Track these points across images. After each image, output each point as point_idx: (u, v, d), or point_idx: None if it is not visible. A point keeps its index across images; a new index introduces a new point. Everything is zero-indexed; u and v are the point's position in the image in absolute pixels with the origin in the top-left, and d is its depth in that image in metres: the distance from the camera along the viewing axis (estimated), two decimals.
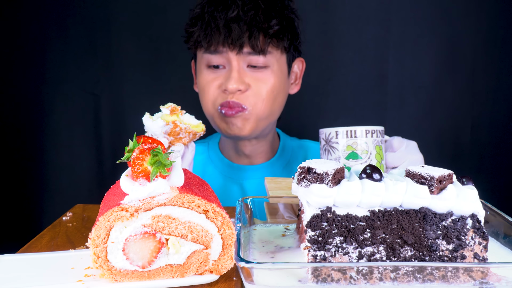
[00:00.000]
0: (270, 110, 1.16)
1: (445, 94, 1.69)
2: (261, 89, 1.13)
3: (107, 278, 0.65)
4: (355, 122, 1.71)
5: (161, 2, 1.65)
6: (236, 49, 1.10)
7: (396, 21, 1.65)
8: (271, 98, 1.15)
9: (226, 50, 1.11)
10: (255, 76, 1.13)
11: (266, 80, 1.14)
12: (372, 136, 0.94)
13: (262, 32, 1.10)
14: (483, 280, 0.60)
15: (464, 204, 0.65)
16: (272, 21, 1.11)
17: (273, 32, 1.11)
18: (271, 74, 1.14)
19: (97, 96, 1.70)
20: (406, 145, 1.00)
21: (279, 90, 1.17)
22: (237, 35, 1.09)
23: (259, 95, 1.13)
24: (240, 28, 1.09)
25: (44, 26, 1.66)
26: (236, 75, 1.11)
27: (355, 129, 0.94)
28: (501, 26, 1.64)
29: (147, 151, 0.64)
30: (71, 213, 0.96)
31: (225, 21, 1.09)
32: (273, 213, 0.85)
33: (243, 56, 1.11)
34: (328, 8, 1.66)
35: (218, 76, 1.14)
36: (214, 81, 1.14)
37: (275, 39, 1.12)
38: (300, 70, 1.28)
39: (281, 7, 1.15)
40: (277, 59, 1.16)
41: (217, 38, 1.10)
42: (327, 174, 0.64)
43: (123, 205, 0.63)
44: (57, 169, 1.73)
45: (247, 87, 1.12)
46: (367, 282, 0.59)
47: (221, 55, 1.12)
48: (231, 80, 1.10)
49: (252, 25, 1.09)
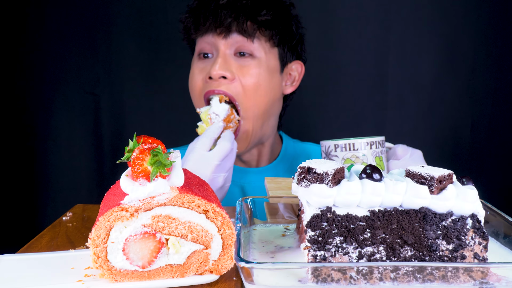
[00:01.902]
0: (261, 107, 1.14)
1: (445, 94, 1.69)
2: (247, 81, 1.11)
3: (107, 278, 0.65)
4: (355, 122, 1.72)
5: (161, 2, 1.65)
6: (223, 33, 1.10)
7: (396, 21, 1.65)
8: (260, 94, 1.13)
9: (213, 35, 1.12)
10: (241, 65, 1.12)
11: (251, 70, 1.12)
12: (371, 148, 0.94)
13: (250, 19, 1.11)
14: (483, 280, 0.60)
15: (464, 204, 0.65)
16: (262, 10, 1.11)
17: (261, 19, 1.11)
18: (257, 64, 1.13)
19: (97, 96, 1.70)
20: (410, 154, 0.99)
21: (267, 85, 1.14)
22: (224, 18, 1.09)
23: (247, 88, 1.11)
24: (227, 13, 1.10)
25: (45, 26, 1.66)
26: (220, 61, 1.10)
27: (353, 142, 0.95)
28: (501, 26, 1.64)
29: (147, 151, 0.64)
30: (71, 213, 0.96)
31: (214, 7, 1.10)
32: (273, 213, 0.85)
33: (230, 42, 1.11)
34: (328, 8, 1.66)
35: (205, 66, 1.14)
36: (201, 71, 1.14)
37: (263, 28, 1.12)
38: (299, 73, 1.25)
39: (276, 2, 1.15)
40: (266, 51, 1.14)
41: (205, 22, 1.11)
42: (327, 174, 0.64)
43: (123, 205, 0.63)
44: (57, 169, 1.73)
45: (233, 75, 1.10)
46: (367, 282, 0.59)
47: (210, 41, 1.12)
48: (215, 66, 1.09)
49: (240, 11, 1.10)
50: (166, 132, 1.67)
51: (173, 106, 1.71)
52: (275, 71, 1.17)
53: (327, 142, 0.98)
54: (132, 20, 1.67)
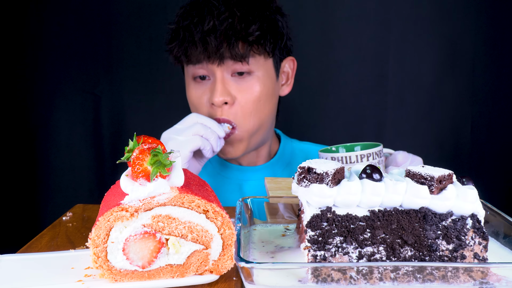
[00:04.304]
0: (259, 121, 1.14)
1: (445, 94, 1.69)
2: (247, 100, 1.11)
3: (107, 278, 0.65)
4: (355, 122, 1.72)
5: (161, 2, 1.65)
6: (217, 61, 1.08)
7: (396, 21, 1.65)
8: (259, 109, 1.13)
9: (206, 63, 1.09)
10: (240, 87, 1.10)
11: (251, 90, 1.11)
12: (368, 160, 0.95)
13: (241, 39, 1.07)
14: (483, 280, 0.60)
15: (464, 204, 0.65)
16: (251, 27, 1.07)
17: (253, 38, 1.08)
18: (256, 81, 1.11)
19: (97, 96, 1.70)
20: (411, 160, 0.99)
21: (266, 97, 1.14)
22: (214, 47, 1.06)
23: (246, 108, 1.11)
24: (216, 40, 1.06)
25: (44, 26, 1.66)
26: (220, 87, 1.09)
27: (349, 155, 0.96)
28: (501, 26, 1.64)
29: (147, 151, 0.64)
30: (71, 213, 0.96)
31: (201, 34, 1.07)
32: (273, 213, 0.85)
33: (225, 66, 1.09)
34: (328, 8, 1.66)
35: (204, 90, 1.12)
36: (202, 96, 1.12)
37: (256, 45, 1.09)
38: (292, 69, 1.24)
39: (261, 9, 1.11)
40: (262, 65, 1.12)
41: (194, 52, 1.08)
42: (327, 174, 0.64)
43: (123, 205, 0.63)
44: (57, 169, 1.73)
45: (233, 99, 1.10)
46: (367, 282, 0.59)
47: (204, 66, 1.10)
48: (216, 93, 1.08)
49: (229, 35, 1.06)
50: None
51: (173, 106, 1.71)
52: (272, 80, 1.16)
53: (324, 154, 0.99)
54: (132, 20, 1.67)
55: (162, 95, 1.71)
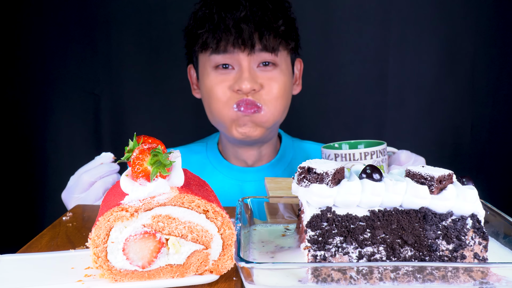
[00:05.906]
0: (282, 109, 1.16)
1: (445, 94, 1.69)
2: (273, 88, 1.13)
3: (107, 278, 0.65)
4: (355, 122, 1.72)
5: (161, 2, 1.65)
6: (248, 49, 1.09)
7: (396, 21, 1.66)
8: (284, 97, 1.15)
9: (236, 50, 1.10)
10: (266, 76, 1.13)
11: (277, 79, 1.13)
12: (372, 158, 0.95)
13: (272, 31, 1.10)
14: (483, 280, 0.60)
15: (464, 204, 0.65)
16: (279, 21, 1.11)
17: (281, 31, 1.11)
18: (280, 73, 1.14)
19: (97, 96, 1.70)
20: (414, 160, 0.99)
21: (288, 90, 1.17)
22: (248, 35, 1.08)
23: (272, 94, 1.13)
24: (249, 28, 1.08)
25: (44, 26, 1.66)
26: (247, 75, 1.10)
27: (353, 152, 0.96)
28: (501, 26, 1.64)
29: (147, 151, 0.64)
30: (71, 213, 0.96)
31: (234, 22, 1.08)
32: (273, 213, 0.85)
33: (254, 56, 1.11)
34: (328, 8, 1.66)
35: (227, 78, 1.12)
36: (223, 82, 1.12)
37: (283, 40, 1.13)
38: (299, 70, 1.28)
39: (285, 8, 1.16)
40: (285, 59, 1.17)
41: (227, 39, 1.09)
42: (327, 174, 0.64)
43: (123, 205, 0.63)
44: (57, 169, 1.73)
45: (260, 87, 1.12)
46: (367, 282, 0.59)
47: (231, 55, 1.11)
48: (244, 81, 1.09)
49: (262, 25, 1.09)
50: (166, 132, 1.67)
51: (173, 106, 1.71)
52: (291, 76, 1.20)
53: (328, 150, 0.98)
54: (132, 20, 1.67)
55: (162, 95, 1.71)
